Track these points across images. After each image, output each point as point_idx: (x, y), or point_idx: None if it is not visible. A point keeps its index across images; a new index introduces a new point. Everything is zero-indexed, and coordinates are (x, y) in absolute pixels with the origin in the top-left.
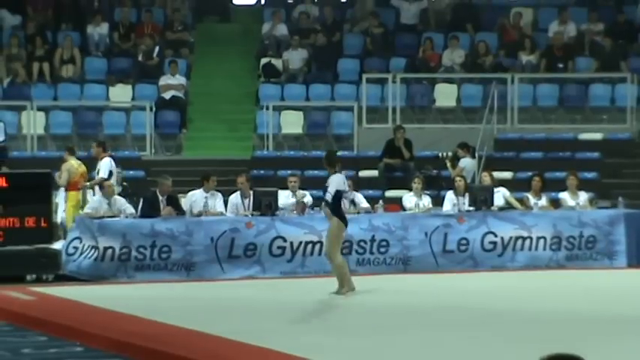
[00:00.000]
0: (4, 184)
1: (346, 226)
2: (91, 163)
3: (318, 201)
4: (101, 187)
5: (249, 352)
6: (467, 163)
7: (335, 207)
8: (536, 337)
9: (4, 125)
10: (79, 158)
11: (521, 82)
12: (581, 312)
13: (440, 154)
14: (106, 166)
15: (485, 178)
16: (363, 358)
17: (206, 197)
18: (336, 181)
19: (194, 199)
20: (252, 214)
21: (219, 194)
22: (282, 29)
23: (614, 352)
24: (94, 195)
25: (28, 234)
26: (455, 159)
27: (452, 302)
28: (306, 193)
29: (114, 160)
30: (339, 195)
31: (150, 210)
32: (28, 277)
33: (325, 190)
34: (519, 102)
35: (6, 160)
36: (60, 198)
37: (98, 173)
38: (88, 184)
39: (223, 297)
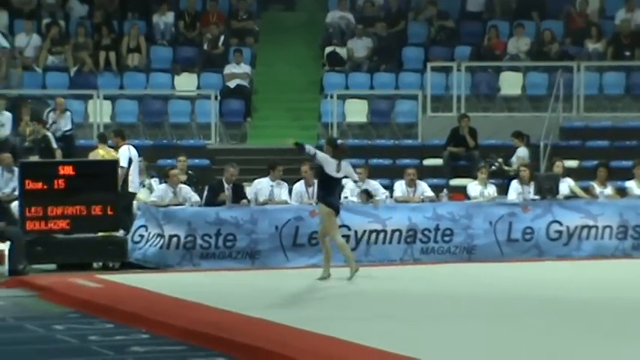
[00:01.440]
0: (72, 173)
1: (337, 212)
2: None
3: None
4: (167, 177)
5: (313, 340)
6: (524, 152)
7: (325, 193)
8: (603, 327)
9: (71, 114)
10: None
11: (587, 70)
12: None
13: (493, 165)
14: (124, 155)
15: (557, 168)
16: (428, 346)
17: (272, 186)
18: (346, 167)
19: (260, 187)
20: (316, 203)
21: (285, 183)
22: (347, 17)
23: None
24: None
25: (94, 222)
26: (504, 163)
27: (517, 292)
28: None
29: (134, 148)
30: (330, 182)
31: (215, 198)
32: (95, 265)
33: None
34: (585, 90)
35: (73, 149)
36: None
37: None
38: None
39: (287, 285)
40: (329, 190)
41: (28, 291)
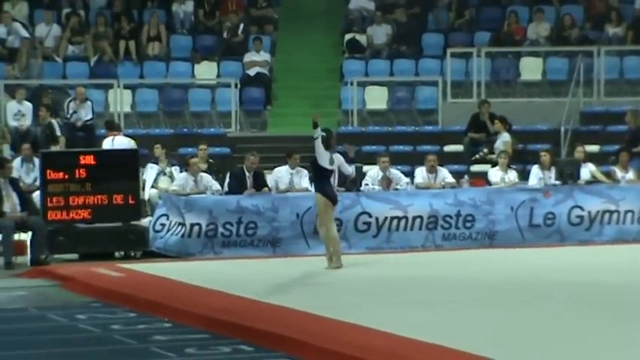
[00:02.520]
0: (93, 162)
1: (334, 202)
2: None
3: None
4: (187, 165)
5: (335, 328)
6: (507, 137)
7: (321, 184)
8: (625, 311)
9: (91, 104)
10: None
11: (607, 54)
12: None
13: (480, 154)
14: (105, 145)
15: (578, 153)
16: (451, 332)
17: (291, 174)
18: (338, 158)
19: (280, 175)
20: (337, 190)
21: (305, 171)
22: (368, 4)
23: None
24: None
25: (116, 211)
26: (490, 149)
27: (539, 277)
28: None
29: (128, 137)
30: (325, 173)
31: (237, 186)
32: (117, 254)
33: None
34: (605, 75)
35: (94, 138)
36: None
37: None
38: None
39: (309, 273)
40: (325, 180)
41: (51, 281)
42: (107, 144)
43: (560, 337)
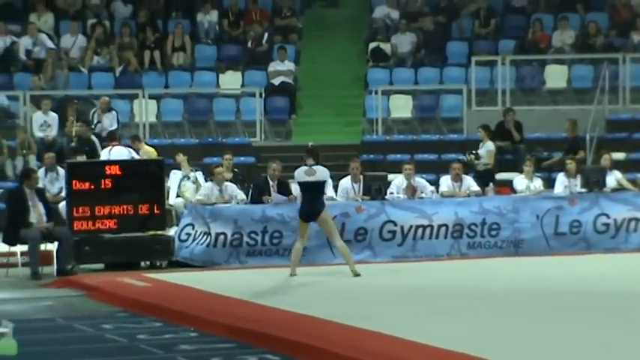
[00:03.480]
0: (118, 172)
1: (305, 220)
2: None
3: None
4: (212, 175)
5: (361, 337)
6: (492, 145)
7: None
8: None
9: (116, 114)
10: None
11: (632, 62)
12: None
13: (465, 159)
14: (104, 156)
15: (604, 160)
16: (475, 341)
17: None
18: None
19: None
20: (362, 199)
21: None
22: (392, 13)
23: None
24: None
25: (141, 221)
26: (478, 156)
27: (565, 286)
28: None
29: (128, 148)
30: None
31: (260, 195)
32: (142, 264)
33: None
34: (631, 82)
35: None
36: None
37: None
38: None
39: (335, 281)
40: (302, 195)
41: (77, 291)
42: (105, 154)
43: (587, 347)
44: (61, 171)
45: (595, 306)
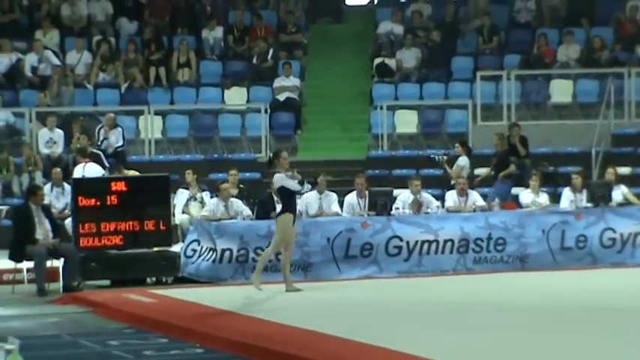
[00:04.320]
0: (124, 189)
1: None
2: None
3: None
4: (218, 191)
5: (367, 352)
6: (465, 161)
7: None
8: None
9: (122, 130)
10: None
11: (638, 76)
12: None
13: (435, 157)
14: (76, 173)
15: (610, 175)
16: (485, 357)
17: (320, 199)
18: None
19: (308, 200)
20: (367, 214)
21: (334, 194)
22: (396, 28)
23: None
24: None
25: (147, 237)
26: (452, 159)
27: (571, 301)
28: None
29: (98, 164)
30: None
31: (264, 212)
32: (148, 280)
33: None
34: (636, 96)
35: (125, 165)
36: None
37: None
38: None
39: (341, 297)
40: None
41: (83, 307)
42: (78, 171)
43: None
44: (67, 187)
45: (602, 321)
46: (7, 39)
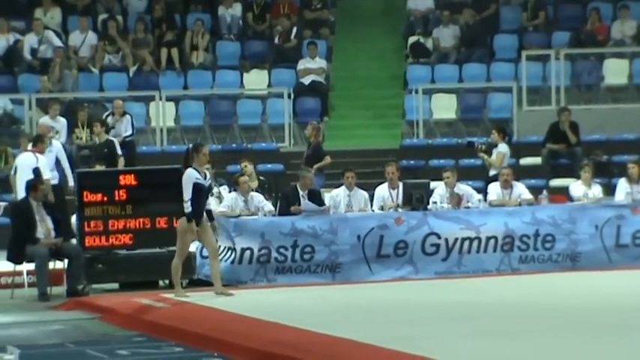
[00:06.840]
0: (134, 182)
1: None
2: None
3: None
4: (236, 184)
5: None
6: (505, 148)
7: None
8: None
9: (131, 118)
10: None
11: None
12: None
13: (475, 143)
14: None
15: None
16: None
17: (349, 195)
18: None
19: (338, 199)
20: (401, 209)
21: (364, 192)
22: (427, 3)
23: None
24: None
25: (159, 236)
26: (490, 147)
27: (627, 303)
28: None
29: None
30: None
31: (290, 206)
32: (161, 283)
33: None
34: None
35: (134, 156)
36: None
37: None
38: None
39: (373, 301)
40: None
41: (89, 313)
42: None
43: None
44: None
45: None
46: (4, 18)
